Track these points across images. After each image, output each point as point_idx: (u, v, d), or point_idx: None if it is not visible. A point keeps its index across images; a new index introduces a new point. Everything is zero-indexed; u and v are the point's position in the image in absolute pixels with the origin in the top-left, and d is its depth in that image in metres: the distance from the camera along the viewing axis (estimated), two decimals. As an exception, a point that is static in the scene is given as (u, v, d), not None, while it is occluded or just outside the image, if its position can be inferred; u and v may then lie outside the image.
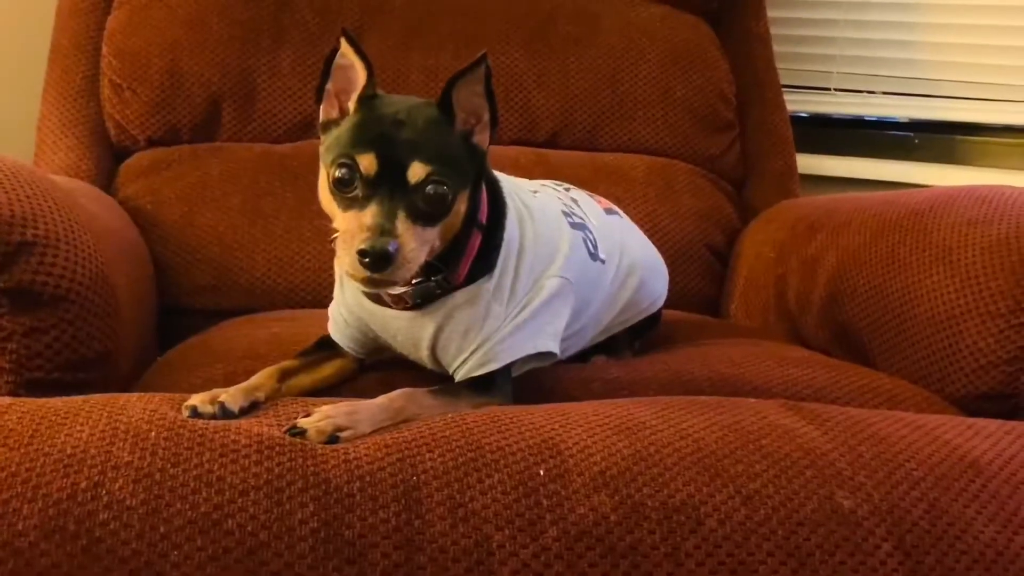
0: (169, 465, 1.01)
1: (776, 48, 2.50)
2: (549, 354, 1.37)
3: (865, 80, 2.67)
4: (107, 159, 2.11)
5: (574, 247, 1.43)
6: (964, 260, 1.56)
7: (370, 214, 1.12)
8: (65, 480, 0.98)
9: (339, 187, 1.16)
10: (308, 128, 2.16)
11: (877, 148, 2.65)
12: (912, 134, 2.63)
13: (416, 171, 1.14)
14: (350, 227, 1.13)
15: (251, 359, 1.43)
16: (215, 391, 1.16)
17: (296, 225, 2.00)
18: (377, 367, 1.43)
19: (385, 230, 1.11)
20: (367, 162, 1.14)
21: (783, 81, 2.50)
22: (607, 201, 1.68)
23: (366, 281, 1.13)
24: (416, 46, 2.22)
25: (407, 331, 1.31)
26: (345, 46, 1.21)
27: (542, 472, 1.07)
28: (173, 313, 1.92)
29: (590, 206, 1.59)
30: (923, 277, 1.61)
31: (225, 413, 1.13)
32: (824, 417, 1.22)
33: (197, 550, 0.95)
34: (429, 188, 1.15)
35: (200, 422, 1.08)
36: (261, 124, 2.14)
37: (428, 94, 2.17)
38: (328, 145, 1.21)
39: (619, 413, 1.22)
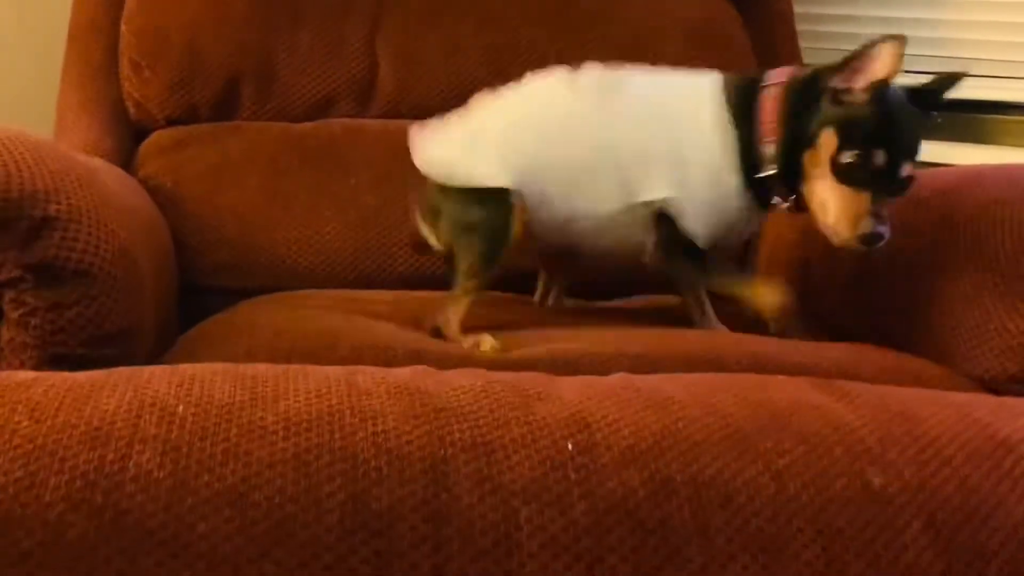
0: (196, 439, 1.00)
1: (797, 27, 2.47)
2: None
3: (887, 59, 2.64)
4: (127, 138, 2.10)
5: None
6: (993, 240, 1.54)
7: (869, 200, 1.42)
8: (92, 453, 0.98)
9: (847, 167, 1.41)
10: (327, 107, 2.15)
11: (899, 128, 2.61)
12: (935, 113, 2.59)
13: (907, 170, 1.44)
14: (851, 207, 1.42)
15: (272, 335, 1.44)
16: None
17: (316, 204, 1.99)
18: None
19: (880, 217, 1.41)
20: (879, 158, 1.41)
21: (803, 60, 2.48)
22: None
23: (855, 250, 1.46)
24: (437, 22, 2.21)
25: None
26: (892, 46, 1.42)
27: (570, 446, 1.07)
28: (195, 292, 1.91)
29: None
30: (950, 257, 1.60)
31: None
32: (854, 395, 1.21)
33: (224, 522, 0.94)
34: (908, 180, 1.45)
35: (226, 398, 1.07)
36: (280, 103, 2.13)
37: (449, 70, 2.21)
38: (843, 121, 1.44)
39: (648, 388, 1.21)
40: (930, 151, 2.45)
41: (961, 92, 2.55)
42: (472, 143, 1.58)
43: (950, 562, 1.03)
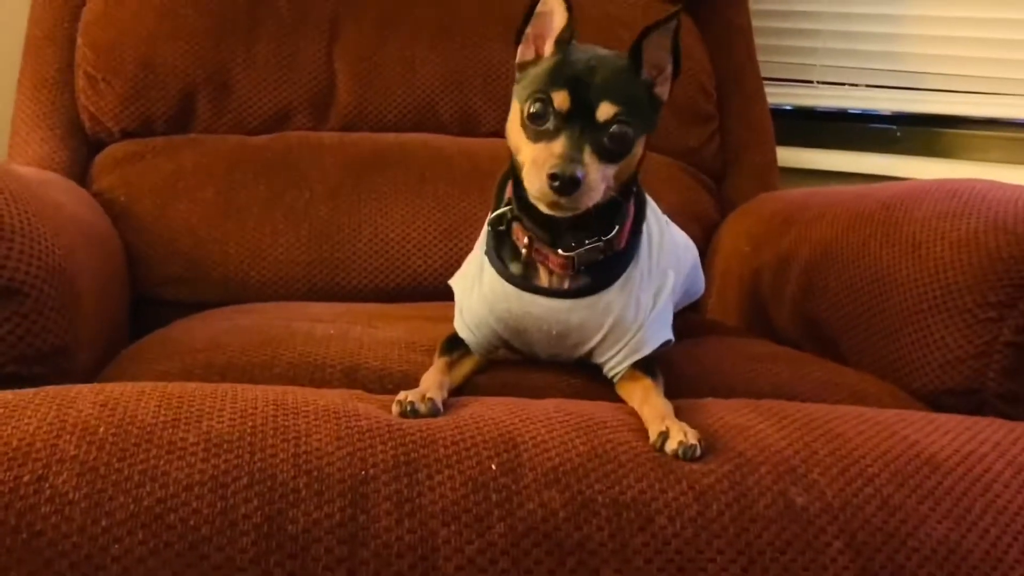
0: (115, 460, 1.00)
1: (759, 40, 2.49)
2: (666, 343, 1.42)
3: (848, 73, 2.66)
4: (82, 151, 2.09)
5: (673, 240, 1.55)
6: (933, 254, 1.55)
7: (560, 144, 1.22)
8: (8, 473, 0.97)
9: (533, 121, 1.25)
10: (283, 120, 2.15)
11: (860, 141, 2.64)
12: (894, 127, 2.62)
13: (605, 110, 1.23)
14: (540, 155, 1.23)
15: (210, 351, 1.43)
16: (422, 389, 1.22)
17: (269, 218, 1.99)
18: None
19: (574, 159, 1.20)
20: (561, 98, 1.23)
21: (766, 73, 2.50)
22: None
23: (552, 204, 1.22)
24: (391, 37, 2.20)
25: (561, 321, 1.36)
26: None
27: (494, 466, 1.07)
28: (148, 304, 1.92)
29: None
30: (892, 271, 1.61)
31: (434, 411, 1.19)
32: (782, 415, 1.22)
33: (138, 544, 0.94)
34: (614, 127, 1.24)
35: (149, 417, 1.07)
36: (235, 116, 2.12)
37: (406, 84, 2.21)
38: (524, 83, 1.30)
39: (581, 411, 1.22)
40: (888, 165, 2.52)
41: (919, 106, 2.61)
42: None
43: (870, 581, 1.04)
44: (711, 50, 2.37)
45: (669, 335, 1.42)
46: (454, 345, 1.40)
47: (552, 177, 1.19)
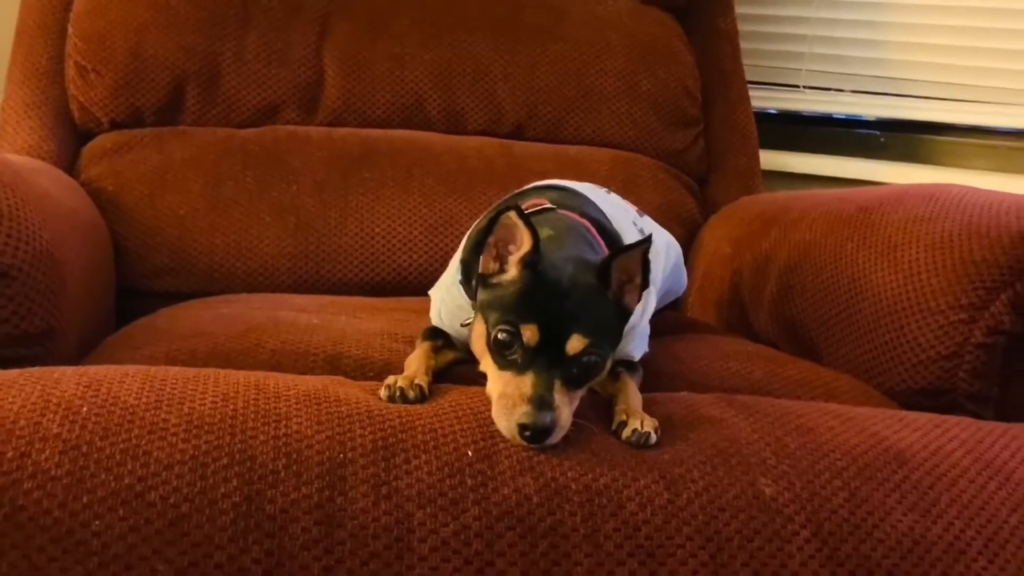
0: (97, 438, 1.02)
1: (746, 45, 2.52)
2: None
3: (834, 78, 2.69)
4: (71, 141, 2.11)
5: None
6: (908, 256, 1.58)
7: (529, 383, 1.15)
8: (-9, 450, 0.99)
9: (499, 349, 1.19)
10: (272, 113, 2.17)
11: (844, 146, 2.67)
12: (878, 132, 2.65)
13: (574, 344, 1.17)
14: (508, 391, 1.16)
15: (194, 338, 1.45)
16: (409, 375, 1.25)
17: (256, 210, 2.01)
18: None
19: (545, 403, 1.13)
20: (530, 333, 1.17)
21: (753, 78, 2.53)
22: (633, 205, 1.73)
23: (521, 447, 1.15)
24: (382, 34, 2.23)
25: None
26: (514, 217, 1.21)
27: (471, 452, 1.09)
28: (133, 295, 1.93)
29: (627, 212, 1.64)
30: (868, 273, 1.63)
31: (422, 397, 1.22)
32: (754, 409, 1.24)
33: (119, 520, 0.96)
34: (584, 359, 1.18)
35: (132, 399, 1.08)
36: (225, 108, 2.14)
37: (394, 82, 2.23)
38: (489, 301, 1.24)
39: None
40: (871, 170, 2.55)
41: (903, 113, 2.64)
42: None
43: (835, 571, 1.06)
44: (697, 54, 2.40)
45: (646, 348, 1.44)
46: (438, 333, 1.42)
47: (523, 427, 1.12)
